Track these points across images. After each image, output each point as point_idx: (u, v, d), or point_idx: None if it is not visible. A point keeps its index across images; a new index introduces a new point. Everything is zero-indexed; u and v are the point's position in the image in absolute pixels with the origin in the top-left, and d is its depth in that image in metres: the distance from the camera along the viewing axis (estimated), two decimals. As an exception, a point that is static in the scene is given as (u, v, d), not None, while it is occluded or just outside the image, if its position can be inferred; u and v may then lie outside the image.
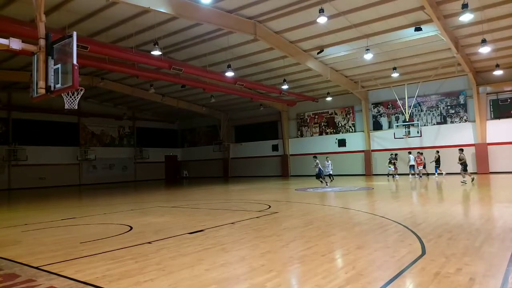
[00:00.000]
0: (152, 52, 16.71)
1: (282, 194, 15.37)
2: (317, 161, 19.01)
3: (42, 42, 6.25)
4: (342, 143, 29.60)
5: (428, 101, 25.97)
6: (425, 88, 25.30)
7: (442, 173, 21.87)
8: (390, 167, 22.29)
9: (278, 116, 33.10)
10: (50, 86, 6.17)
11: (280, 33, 18.60)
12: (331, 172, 21.11)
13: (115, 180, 33.64)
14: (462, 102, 24.78)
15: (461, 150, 17.96)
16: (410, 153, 23.36)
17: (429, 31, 17.33)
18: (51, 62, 6.20)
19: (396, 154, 23.09)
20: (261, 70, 23.78)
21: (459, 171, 17.78)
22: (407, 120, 25.56)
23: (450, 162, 24.11)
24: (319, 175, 18.72)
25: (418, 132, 25.31)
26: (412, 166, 22.84)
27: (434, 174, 22.46)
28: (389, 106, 27.57)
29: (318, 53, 20.37)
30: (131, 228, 8.21)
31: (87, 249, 6.21)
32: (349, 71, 24.78)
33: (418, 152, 22.32)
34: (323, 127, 30.99)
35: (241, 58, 21.41)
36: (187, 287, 4.17)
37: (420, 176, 21.52)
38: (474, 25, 17.00)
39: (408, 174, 23.23)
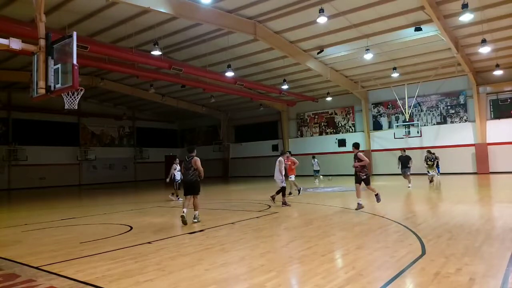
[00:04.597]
0: (152, 52, 16.71)
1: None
2: (175, 165, 14.56)
3: (42, 42, 6.24)
4: (342, 143, 29.58)
5: (428, 101, 25.96)
6: (425, 88, 25.28)
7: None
8: (429, 171, 17.36)
9: (278, 116, 33.09)
10: (50, 86, 6.17)
11: (280, 33, 18.59)
12: (179, 180, 14.10)
13: (115, 180, 33.62)
14: (462, 102, 24.77)
15: None
16: (314, 157, 22.87)
17: (429, 31, 17.32)
18: (51, 62, 6.19)
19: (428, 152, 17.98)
20: (261, 70, 23.77)
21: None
22: (407, 120, 25.55)
23: (450, 162, 24.15)
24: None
25: (418, 132, 25.30)
26: (317, 171, 22.27)
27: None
28: (389, 106, 27.56)
29: (318, 53, 20.37)
30: (131, 228, 8.21)
31: (87, 249, 6.21)
32: (349, 71, 24.77)
33: (283, 153, 13.56)
34: (323, 127, 30.98)
35: (241, 58, 21.39)
36: (187, 287, 4.17)
37: (299, 192, 14.34)
38: (474, 25, 16.99)
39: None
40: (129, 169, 35.88)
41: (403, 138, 25.41)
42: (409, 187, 15.83)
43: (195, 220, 8.44)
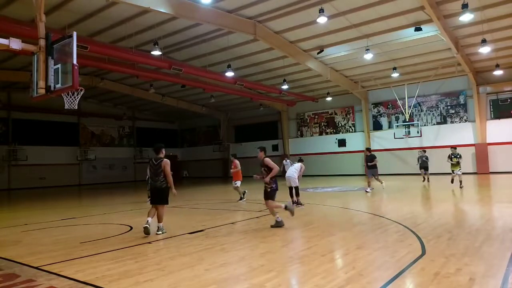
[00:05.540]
0: (152, 52, 16.70)
1: (282, 195, 15.34)
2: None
3: (42, 42, 6.24)
4: (342, 143, 29.59)
5: (428, 101, 25.95)
6: (425, 88, 25.28)
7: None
8: (454, 171, 15.13)
9: (278, 116, 33.09)
10: (50, 86, 6.17)
11: (280, 33, 18.58)
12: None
13: (115, 180, 33.63)
14: (462, 102, 24.77)
15: None
16: (286, 158, 19.66)
17: (429, 31, 17.32)
18: (51, 62, 6.19)
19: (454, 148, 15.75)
20: (261, 70, 23.77)
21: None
22: (407, 120, 25.54)
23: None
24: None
25: (418, 132, 25.30)
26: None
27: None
28: (389, 106, 27.55)
29: (318, 53, 20.36)
30: (131, 228, 8.21)
31: (87, 249, 6.21)
32: (349, 71, 24.76)
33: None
34: (323, 127, 30.98)
35: (241, 58, 21.39)
36: (187, 287, 4.17)
37: (241, 198, 13.39)
38: (474, 25, 16.98)
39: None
40: (129, 169, 35.88)
41: (403, 138, 25.41)
42: (367, 191, 14.18)
43: (159, 232, 7.28)
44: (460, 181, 14.84)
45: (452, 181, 15.25)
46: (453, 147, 15.73)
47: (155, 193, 7.48)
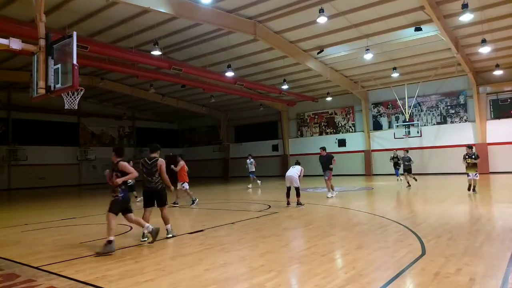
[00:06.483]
0: (152, 52, 16.71)
1: (281, 194, 15.35)
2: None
3: (42, 42, 6.25)
4: (342, 143, 29.59)
5: (428, 101, 25.95)
6: (425, 88, 25.28)
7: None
8: (469, 174, 12.72)
9: (278, 116, 33.09)
10: (50, 86, 6.18)
11: (280, 33, 18.59)
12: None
13: (115, 180, 33.61)
14: (462, 102, 24.77)
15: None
16: (250, 156, 21.39)
17: (429, 31, 17.32)
18: (51, 62, 6.21)
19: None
20: (261, 70, 23.77)
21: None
22: (407, 120, 25.54)
23: (450, 162, 24.15)
24: None
25: (418, 132, 25.30)
26: (251, 172, 20.52)
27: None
28: (389, 106, 27.55)
29: (318, 53, 20.36)
30: (131, 228, 8.21)
31: (87, 249, 6.21)
32: (349, 71, 24.76)
33: (179, 155, 12.74)
34: (323, 127, 30.98)
35: (241, 58, 21.39)
36: (187, 287, 4.17)
37: (193, 202, 12.41)
38: (474, 25, 16.98)
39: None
40: (129, 169, 35.89)
41: (403, 138, 25.40)
42: (329, 196, 13.01)
43: (170, 235, 6.94)
44: (474, 186, 12.59)
45: (469, 188, 12.70)
46: (469, 146, 13.14)
47: (152, 196, 7.05)
